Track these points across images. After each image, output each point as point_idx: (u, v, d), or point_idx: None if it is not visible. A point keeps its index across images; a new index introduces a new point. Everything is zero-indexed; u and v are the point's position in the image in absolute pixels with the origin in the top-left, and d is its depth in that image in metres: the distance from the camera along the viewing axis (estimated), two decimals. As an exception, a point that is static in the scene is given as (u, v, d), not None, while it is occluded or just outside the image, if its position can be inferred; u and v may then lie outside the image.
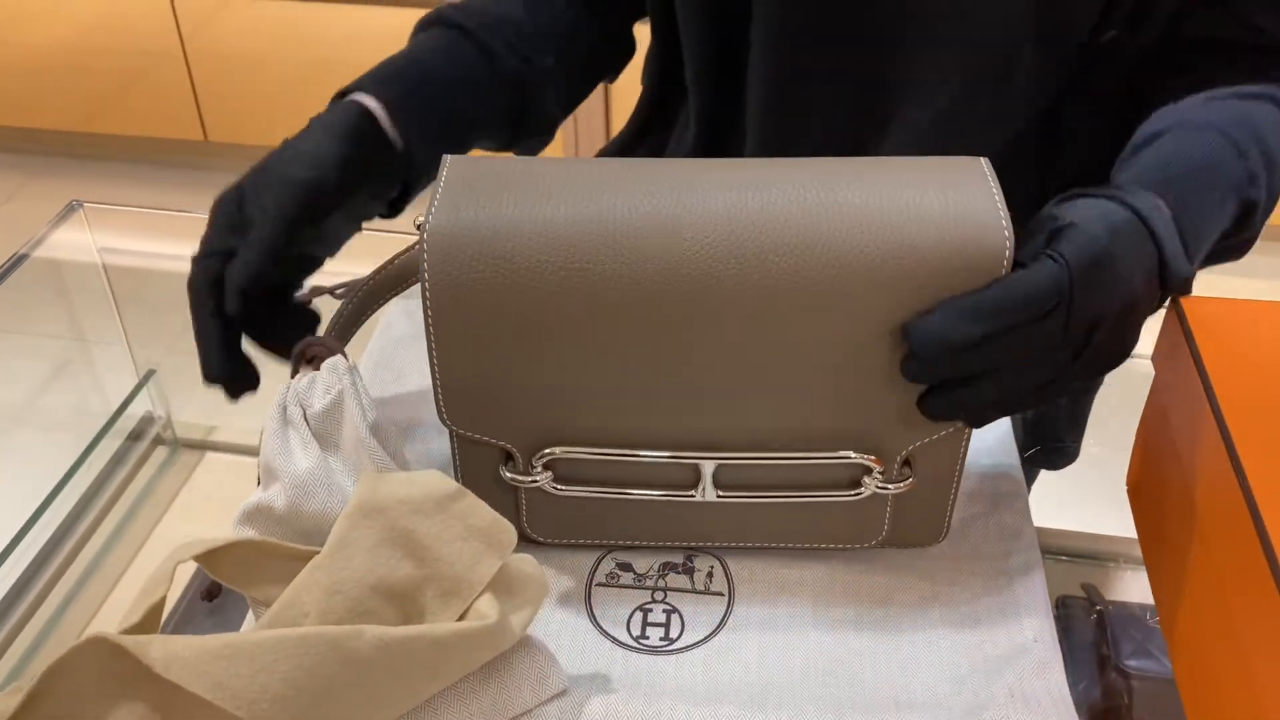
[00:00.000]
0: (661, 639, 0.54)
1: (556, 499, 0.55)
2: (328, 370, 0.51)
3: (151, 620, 0.46)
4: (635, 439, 0.53)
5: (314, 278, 0.60)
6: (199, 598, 0.53)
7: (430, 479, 0.47)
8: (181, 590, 0.75)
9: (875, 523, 0.56)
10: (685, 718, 0.50)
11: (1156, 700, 0.69)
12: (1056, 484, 0.86)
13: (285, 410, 0.50)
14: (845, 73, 0.69)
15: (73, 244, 1.02)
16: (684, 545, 0.58)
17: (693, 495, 0.55)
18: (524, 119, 0.71)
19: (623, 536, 0.57)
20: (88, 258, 1.03)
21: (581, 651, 0.54)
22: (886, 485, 0.54)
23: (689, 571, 0.57)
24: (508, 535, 0.48)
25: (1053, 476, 0.88)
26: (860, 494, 0.54)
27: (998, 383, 0.50)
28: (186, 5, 2.38)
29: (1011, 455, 0.63)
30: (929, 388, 0.51)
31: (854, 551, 0.58)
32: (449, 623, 0.46)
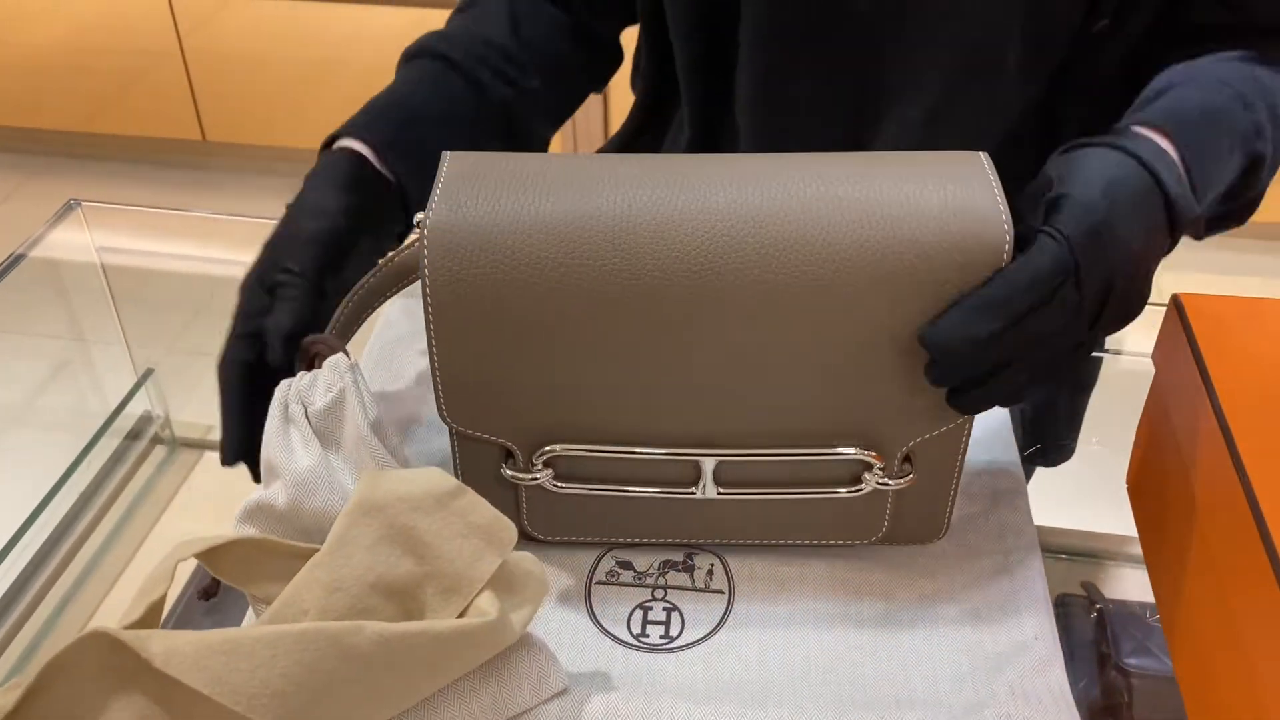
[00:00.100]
0: (662, 637, 0.54)
1: (557, 497, 0.55)
2: (329, 368, 0.50)
3: (152, 617, 0.46)
4: (635, 436, 0.53)
5: None
6: (197, 597, 0.53)
7: (430, 476, 0.47)
8: (180, 589, 0.75)
9: (875, 519, 0.56)
10: (686, 715, 0.50)
11: (1156, 698, 0.69)
12: (1056, 482, 0.86)
13: (287, 408, 0.50)
14: (834, 71, 0.69)
15: (71, 243, 1.01)
16: (684, 543, 0.58)
17: (693, 492, 0.54)
18: (514, 142, 0.72)
19: (623, 534, 0.57)
20: (86, 257, 1.03)
21: (581, 649, 0.54)
22: (887, 481, 0.54)
23: (689, 569, 0.57)
24: (508, 533, 0.48)
25: (1052, 475, 0.88)
26: (861, 490, 0.54)
27: (1025, 365, 0.49)
28: (185, 5, 2.37)
29: (1011, 452, 0.63)
30: (958, 398, 0.51)
31: (854, 549, 0.58)
32: (449, 620, 0.46)
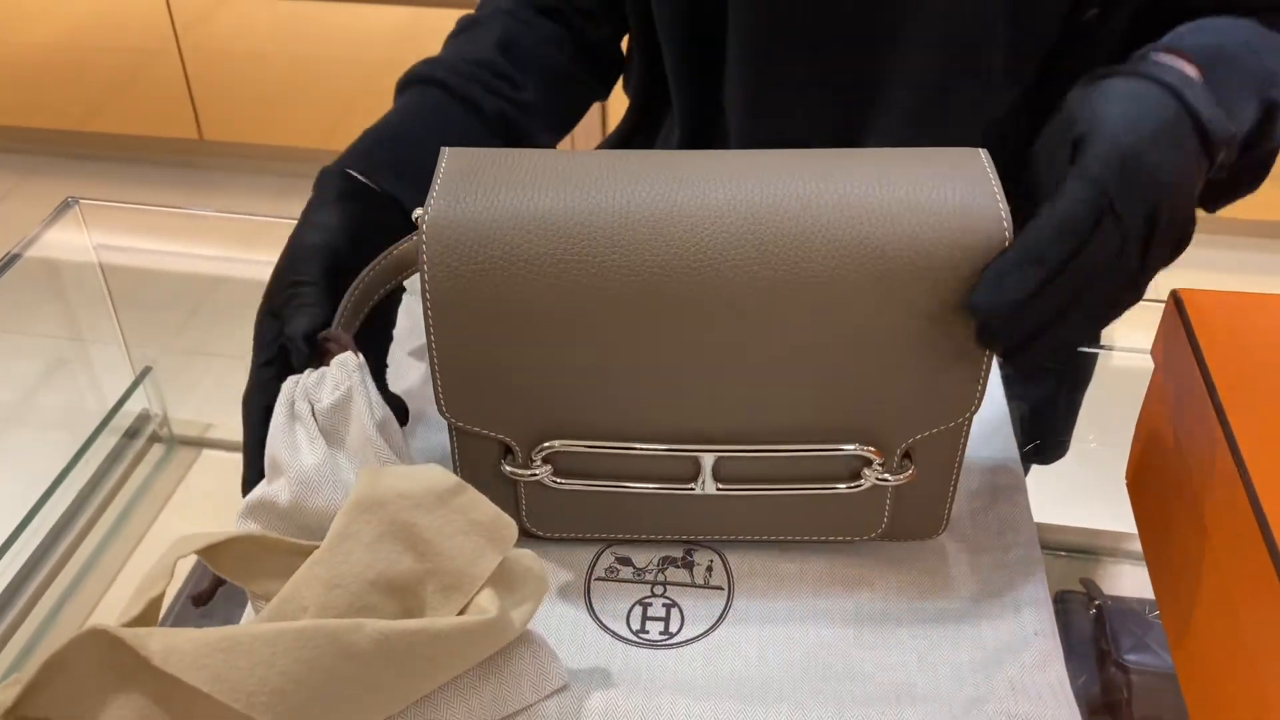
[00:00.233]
0: (661, 633, 0.54)
1: (556, 493, 0.55)
2: (337, 366, 0.50)
3: (151, 615, 0.46)
4: (635, 431, 0.53)
5: None
6: (190, 603, 0.53)
7: (431, 473, 0.47)
8: (179, 587, 0.75)
9: (875, 515, 0.56)
10: (685, 712, 0.50)
11: (1156, 694, 0.69)
12: (1055, 479, 0.86)
13: (293, 405, 0.49)
14: (824, 70, 0.69)
15: (68, 242, 1.01)
16: (683, 539, 0.58)
17: (692, 488, 0.54)
18: None
19: (622, 530, 0.57)
20: (83, 256, 1.03)
21: (581, 646, 0.54)
22: (886, 477, 0.54)
23: (688, 565, 0.57)
24: (509, 530, 0.47)
25: (1051, 472, 0.88)
26: (860, 486, 0.54)
27: (1080, 309, 0.48)
28: (181, 3, 2.37)
29: (1011, 449, 0.63)
30: (1017, 358, 0.49)
31: (854, 545, 0.58)
32: (449, 617, 0.46)
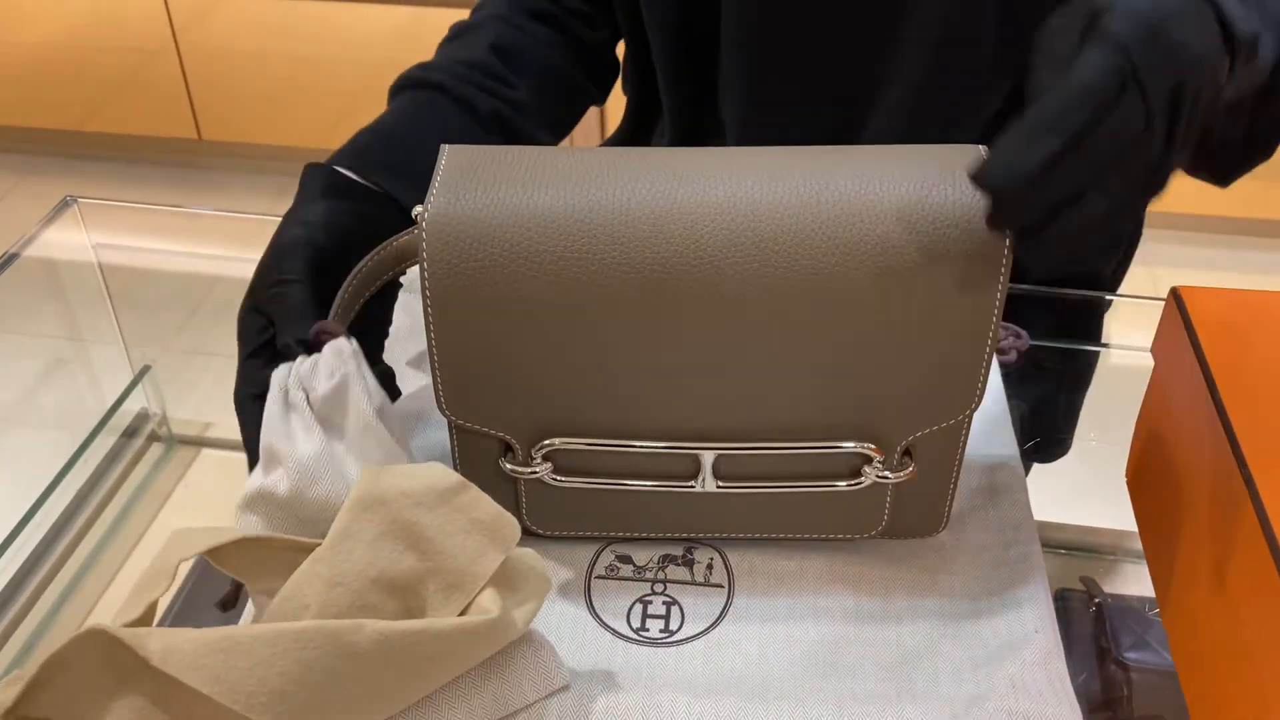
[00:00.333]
0: (661, 631, 0.54)
1: (556, 491, 0.55)
2: (331, 353, 0.49)
3: (150, 615, 0.46)
4: (635, 429, 0.53)
5: None
6: (214, 607, 0.52)
7: (433, 471, 0.47)
8: (176, 589, 0.75)
9: (875, 513, 0.56)
10: (686, 710, 0.50)
11: (1156, 692, 0.69)
12: (1054, 478, 0.86)
13: (287, 394, 0.49)
14: (815, 68, 0.69)
15: (66, 241, 1.01)
16: (683, 537, 0.58)
17: (692, 486, 0.54)
18: None
19: (622, 528, 0.57)
20: (82, 255, 1.03)
21: (581, 644, 0.53)
22: (887, 474, 0.54)
23: (688, 563, 0.57)
24: (511, 529, 0.47)
25: (1051, 471, 0.88)
26: (860, 483, 0.54)
27: (1101, 190, 0.44)
28: (180, 2, 2.37)
29: (1011, 446, 0.63)
30: (1032, 241, 0.46)
31: (854, 543, 0.58)
32: (451, 617, 0.46)
